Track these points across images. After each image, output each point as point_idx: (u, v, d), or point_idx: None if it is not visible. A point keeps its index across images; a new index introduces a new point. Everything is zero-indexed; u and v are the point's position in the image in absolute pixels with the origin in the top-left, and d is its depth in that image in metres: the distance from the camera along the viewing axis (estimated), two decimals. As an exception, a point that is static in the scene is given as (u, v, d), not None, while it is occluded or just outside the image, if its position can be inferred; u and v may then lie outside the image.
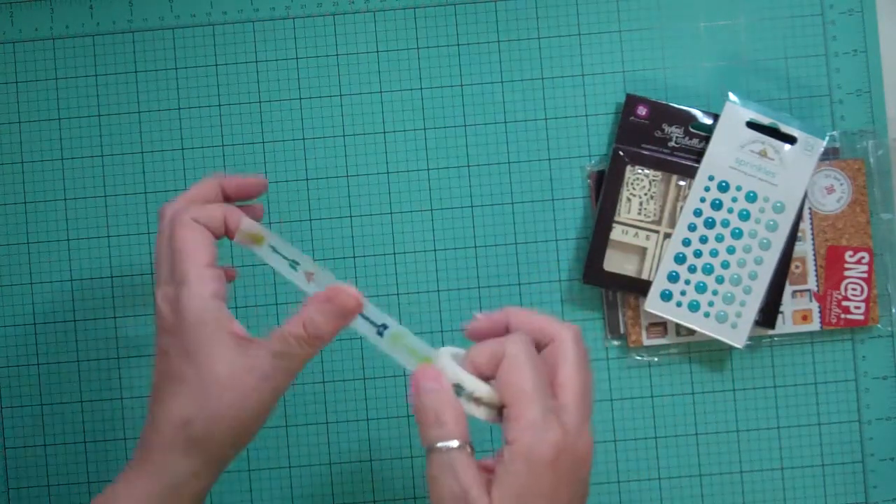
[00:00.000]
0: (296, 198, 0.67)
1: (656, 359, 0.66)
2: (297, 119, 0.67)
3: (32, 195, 0.68)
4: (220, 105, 0.68)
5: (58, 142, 0.68)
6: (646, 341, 0.66)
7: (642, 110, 0.65)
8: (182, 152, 0.67)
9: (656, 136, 0.65)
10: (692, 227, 0.65)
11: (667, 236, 0.65)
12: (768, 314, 0.65)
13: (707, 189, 0.64)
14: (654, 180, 0.65)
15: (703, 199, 0.65)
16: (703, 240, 0.64)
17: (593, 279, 0.65)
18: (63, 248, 0.67)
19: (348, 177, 0.67)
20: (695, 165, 0.65)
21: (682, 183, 0.65)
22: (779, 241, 0.64)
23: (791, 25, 0.67)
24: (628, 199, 0.65)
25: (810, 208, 0.66)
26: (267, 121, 0.67)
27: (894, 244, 0.66)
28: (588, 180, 0.67)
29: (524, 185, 0.67)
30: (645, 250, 0.65)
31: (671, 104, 0.65)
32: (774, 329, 0.65)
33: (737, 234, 0.64)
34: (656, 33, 0.67)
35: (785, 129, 0.64)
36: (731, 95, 0.65)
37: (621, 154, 0.65)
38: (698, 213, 0.65)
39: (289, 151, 0.67)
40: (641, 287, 0.65)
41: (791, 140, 0.64)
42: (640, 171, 0.65)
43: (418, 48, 0.67)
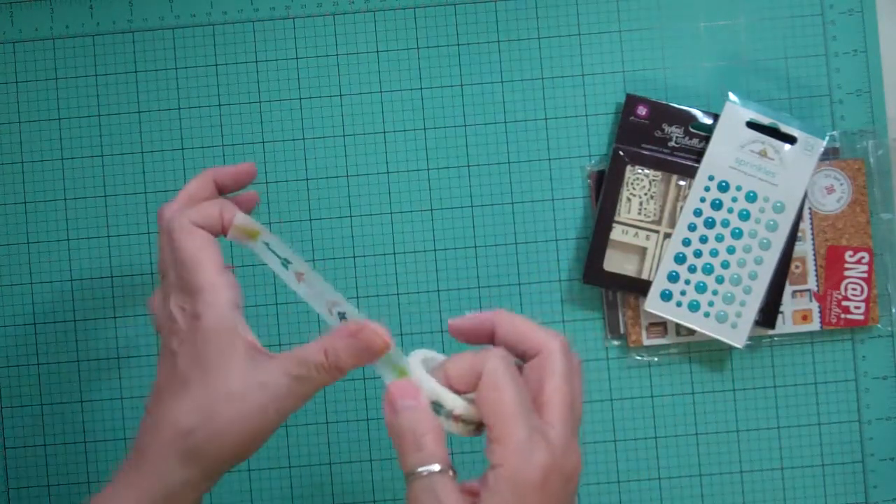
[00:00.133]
0: (296, 198, 0.67)
1: (656, 359, 0.66)
2: (297, 119, 0.67)
3: (32, 195, 0.68)
4: (220, 105, 0.68)
5: (58, 142, 0.68)
6: (646, 341, 0.66)
7: (642, 110, 0.65)
8: (182, 152, 0.67)
9: (656, 136, 0.65)
10: (692, 227, 0.65)
11: (667, 236, 0.65)
12: (768, 314, 0.65)
13: (707, 189, 0.64)
14: (654, 180, 0.65)
15: (703, 199, 0.65)
16: (703, 240, 0.64)
17: (593, 279, 0.65)
18: (63, 248, 0.67)
19: (348, 177, 0.67)
20: (695, 165, 0.65)
21: (682, 183, 0.65)
22: (779, 241, 0.64)
23: (791, 25, 0.67)
24: (628, 199, 0.65)
25: (810, 208, 0.65)
26: (267, 121, 0.67)
27: (894, 244, 0.66)
28: (588, 180, 0.67)
29: (524, 185, 0.67)
30: (645, 250, 0.65)
31: (671, 104, 0.65)
32: (774, 329, 0.65)
33: (737, 234, 0.64)
34: (656, 33, 0.67)
35: (785, 129, 0.64)
36: (731, 95, 0.65)
37: (621, 154, 0.65)
38: (698, 213, 0.65)
39: (289, 151, 0.67)
40: (641, 287, 0.65)
41: (791, 140, 0.64)
42: (640, 171, 0.65)
43: (418, 48, 0.67)
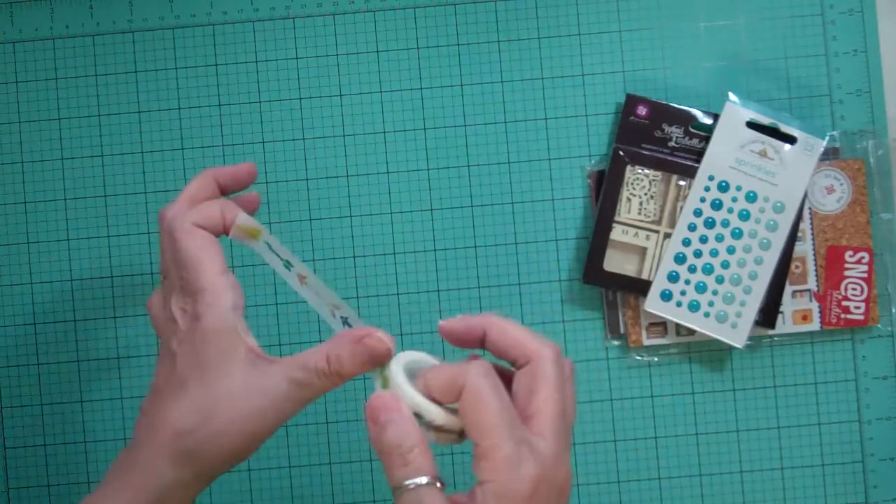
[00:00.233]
0: (296, 198, 0.67)
1: (656, 359, 0.66)
2: (297, 119, 0.67)
3: (32, 195, 0.68)
4: (220, 105, 0.68)
5: (58, 142, 0.68)
6: (646, 341, 0.66)
7: (642, 110, 0.65)
8: (182, 152, 0.67)
9: (656, 136, 0.65)
10: (692, 227, 0.65)
11: (667, 236, 0.65)
12: (768, 314, 0.65)
13: (707, 189, 0.64)
14: (654, 180, 0.65)
15: (703, 199, 0.65)
16: (703, 240, 0.64)
17: (593, 279, 0.65)
18: (63, 248, 0.67)
19: (348, 177, 0.67)
20: (695, 165, 0.65)
21: (682, 183, 0.65)
22: (779, 241, 0.64)
23: (791, 25, 0.67)
24: (628, 199, 0.65)
25: (810, 208, 0.65)
26: (267, 121, 0.67)
27: (894, 244, 0.66)
28: (588, 180, 0.67)
29: (524, 185, 0.67)
30: (645, 250, 0.65)
31: (671, 104, 0.65)
32: (774, 329, 0.65)
33: (737, 234, 0.64)
34: (656, 33, 0.67)
35: (785, 129, 0.64)
36: (731, 95, 0.65)
37: (621, 154, 0.65)
38: (698, 213, 0.65)
39: (289, 151, 0.67)
40: (641, 287, 0.65)
41: (791, 140, 0.64)
42: (640, 171, 0.65)
43: (418, 48, 0.67)
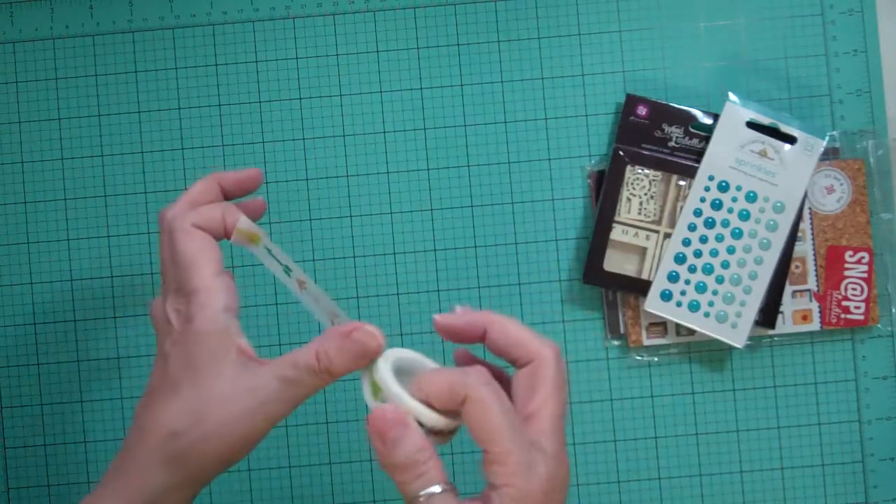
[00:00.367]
0: (296, 198, 0.67)
1: (656, 359, 0.66)
2: (297, 119, 0.67)
3: (32, 195, 0.68)
4: (220, 105, 0.68)
5: (58, 142, 0.68)
6: (646, 341, 0.66)
7: (642, 110, 0.65)
8: (182, 152, 0.67)
9: (656, 136, 0.65)
10: (692, 227, 0.65)
11: (667, 236, 0.65)
12: (768, 314, 0.65)
13: (707, 189, 0.64)
14: (654, 180, 0.65)
15: (703, 199, 0.65)
16: (703, 240, 0.64)
17: (593, 279, 0.65)
18: (63, 248, 0.67)
19: (348, 177, 0.67)
20: (695, 165, 0.65)
21: (682, 183, 0.65)
22: (779, 241, 0.64)
23: (791, 25, 0.67)
24: (628, 199, 0.65)
25: (810, 208, 0.65)
26: (267, 121, 0.67)
27: (894, 244, 0.66)
28: (588, 180, 0.67)
29: (524, 185, 0.67)
30: (645, 250, 0.65)
31: (671, 104, 0.65)
32: (774, 329, 0.65)
33: (737, 234, 0.64)
34: (656, 33, 0.67)
35: (785, 129, 0.64)
36: (731, 95, 0.65)
37: (621, 154, 0.65)
38: (698, 213, 0.65)
39: (289, 151, 0.67)
40: (641, 287, 0.65)
41: (791, 140, 0.64)
42: (640, 171, 0.65)
43: (418, 48, 0.67)
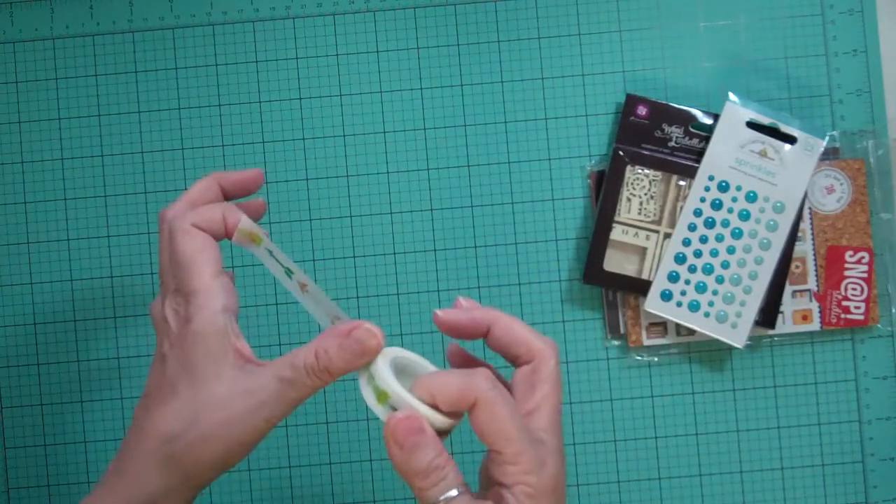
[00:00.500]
0: (296, 198, 0.67)
1: (656, 359, 0.66)
2: (297, 119, 0.67)
3: (32, 195, 0.68)
4: (220, 105, 0.68)
5: (58, 142, 0.68)
6: (646, 341, 0.66)
7: (642, 110, 0.65)
8: (182, 152, 0.67)
9: (656, 136, 0.65)
10: (692, 227, 0.65)
11: (667, 236, 0.65)
12: (768, 314, 0.65)
13: (707, 189, 0.64)
14: (654, 180, 0.65)
15: (703, 199, 0.65)
16: (703, 240, 0.64)
17: (593, 279, 0.65)
18: (63, 248, 0.67)
19: (348, 177, 0.67)
20: (695, 165, 0.65)
21: (682, 183, 0.65)
22: (779, 241, 0.64)
23: (791, 25, 0.67)
24: (628, 199, 0.65)
25: (810, 208, 0.65)
26: (267, 121, 0.67)
27: (894, 244, 0.66)
28: (588, 180, 0.67)
29: (524, 185, 0.67)
30: (645, 250, 0.65)
31: (671, 104, 0.65)
32: (774, 329, 0.65)
33: (737, 234, 0.64)
34: (656, 33, 0.67)
35: (785, 129, 0.64)
36: (731, 95, 0.65)
37: (621, 154, 0.65)
38: (698, 213, 0.65)
39: (289, 151, 0.67)
40: (641, 287, 0.65)
41: (791, 140, 0.64)
42: (640, 171, 0.65)
43: (418, 48, 0.67)
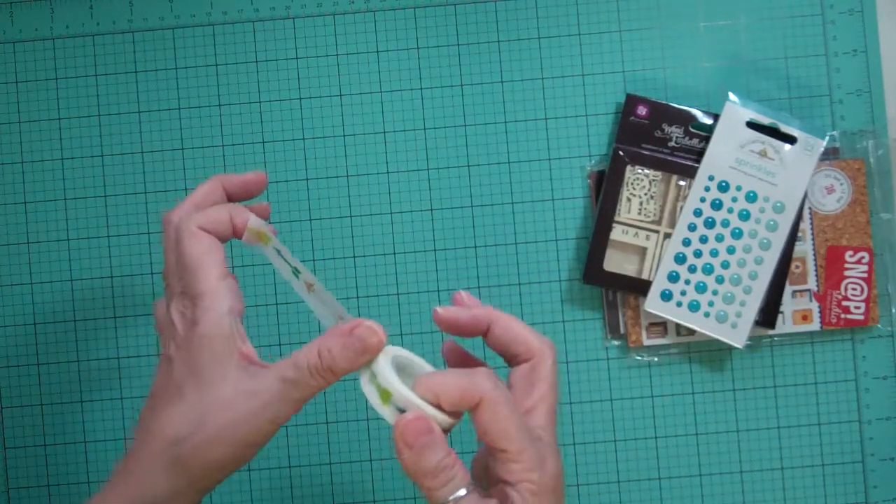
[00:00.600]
0: (296, 198, 0.67)
1: (656, 359, 0.66)
2: (297, 119, 0.67)
3: (32, 195, 0.68)
4: (220, 105, 0.68)
5: (58, 142, 0.68)
6: (646, 341, 0.66)
7: (642, 110, 0.65)
8: (182, 152, 0.67)
9: (656, 136, 0.65)
10: (692, 227, 0.65)
11: (667, 236, 0.65)
12: (768, 314, 0.65)
13: (707, 189, 0.64)
14: (654, 180, 0.65)
15: (703, 199, 0.65)
16: (703, 240, 0.64)
17: (593, 279, 0.65)
18: (63, 248, 0.67)
19: (348, 177, 0.67)
20: (695, 165, 0.65)
21: (682, 183, 0.65)
22: (779, 241, 0.64)
23: (791, 25, 0.67)
24: (628, 199, 0.65)
25: (810, 208, 0.65)
26: (267, 121, 0.67)
27: (894, 244, 0.66)
28: (588, 180, 0.67)
29: (524, 185, 0.67)
30: (645, 250, 0.65)
31: (671, 104, 0.65)
32: (774, 329, 0.65)
33: (737, 234, 0.64)
34: (656, 33, 0.67)
35: (785, 129, 0.64)
36: (731, 95, 0.65)
37: (621, 154, 0.65)
38: (698, 213, 0.65)
39: (289, 151, 0.67)
40: (641, 287, 0.65)
41: (791, 140, 0.64)
42: (640, 171, 0.65)
43: (418, 48, 0.67)
